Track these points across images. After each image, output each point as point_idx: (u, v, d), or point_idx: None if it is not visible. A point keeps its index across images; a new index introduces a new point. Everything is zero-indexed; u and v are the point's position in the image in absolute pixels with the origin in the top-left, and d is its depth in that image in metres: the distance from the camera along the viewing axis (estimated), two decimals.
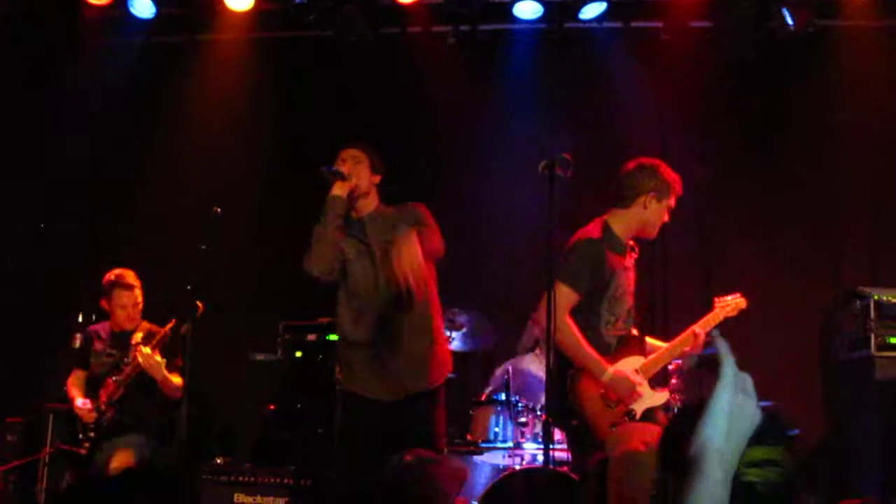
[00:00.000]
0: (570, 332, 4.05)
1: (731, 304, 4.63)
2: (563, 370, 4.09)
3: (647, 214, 4.25)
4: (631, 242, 4.35)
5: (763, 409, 1.89)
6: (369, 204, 4.37)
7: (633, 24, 6.61)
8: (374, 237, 4.28)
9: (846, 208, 6.64)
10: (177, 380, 5.15)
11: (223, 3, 6.48)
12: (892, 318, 5.85)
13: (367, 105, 6.71)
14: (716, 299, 4.67)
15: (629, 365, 4.19)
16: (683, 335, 4.39)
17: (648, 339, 4.46)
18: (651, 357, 4.29)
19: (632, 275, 4.33)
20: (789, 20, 6.15)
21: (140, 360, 5.05)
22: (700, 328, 4.41)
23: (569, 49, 6.67)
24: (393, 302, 4.19)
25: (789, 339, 6.26)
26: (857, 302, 6.01)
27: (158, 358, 5.06)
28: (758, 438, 1.87)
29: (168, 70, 6.92)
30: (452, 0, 6.43)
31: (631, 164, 4.33)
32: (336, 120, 6.74)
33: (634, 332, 4.34)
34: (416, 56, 6.70)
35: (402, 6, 6.46)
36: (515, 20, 6.56)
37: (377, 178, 4.39)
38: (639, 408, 4.19)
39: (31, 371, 6.52)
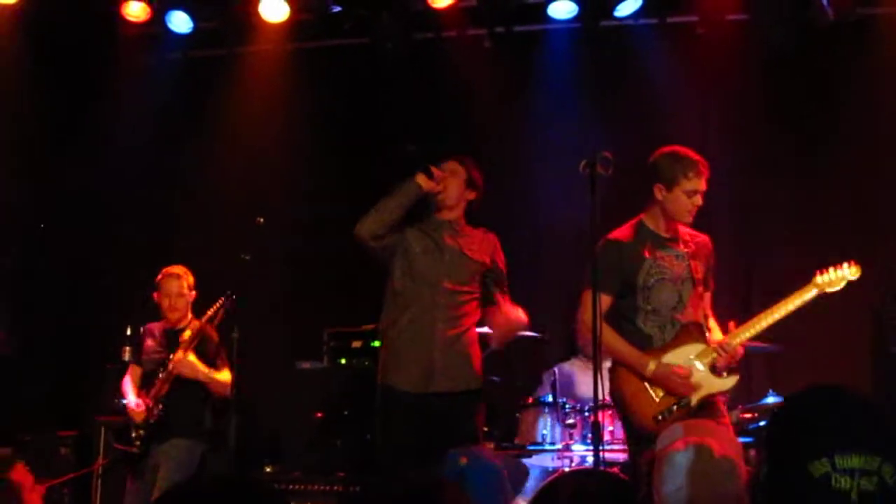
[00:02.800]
0: (606, 334, 4.03)
1: (833, 276, 4.19)
2: None
3: (665, 204, 4.22)
4: (670, 234, 4.27)
5: (867, 413, 1.83)
6: (454, 215, 4.47)
7: (669, 19, 6.55)
8: (451, 243, 4.38)
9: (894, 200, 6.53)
10: (224, 375, 5.14)
11: (259, 16, 6.53)
12: None
13: (406, 111, 6.73)
14: (816, 272, 4.24)
15: (685, 353, 4.12)
16: (752, 320, 4.18)
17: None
18: (719, 341, 4.15)
19: (690, 263, 4.21)
20: (828, 9, 6.05)
21: (171, 366, 5.05)
22: (781, 307, 4.14)
23: (605, 47, 6.63)
24: (446, 302, 4.29)
25: (840, 333, 6.16)
26: None
27: (191, 358, 5.04)
28: (857, 445, 1.79)
29: (207, 83, 7.00)
30: (486, 3, 6.42)
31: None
32: (375, 127, 6.78)
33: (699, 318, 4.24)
34: (453, 60, 6.70)
35: (436, 11, 6.46)
36: (550, 20, 6.53)
37: (471, 195, 4.49)
38: (694, 396, 4.12)
39: (83, 384, 6.61)
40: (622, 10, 6.37)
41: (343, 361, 6.16)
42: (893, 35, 6.39)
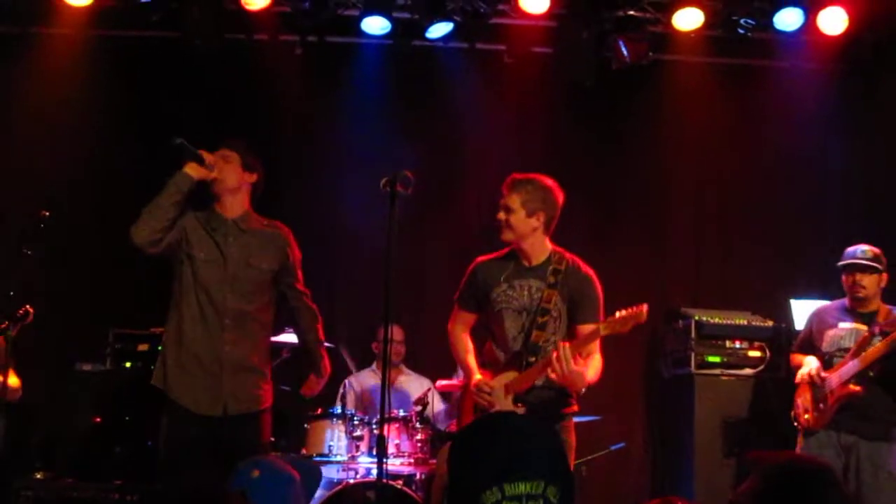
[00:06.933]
0: (453, 342, 4.34)
1: (618, 319, 4.01)
2: None
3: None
4: (539, 262, 4.20)
5: (531, 441, 1.98)
6: (238, 205, 4.25)
7: (479, 45, 6.75)
8: (235, 250, 4.18)
9: (672, 232, 7.03)
10: (13, 381, 4.86)
11: None
12: (710, 337, 6.21)
13: (211, 111, 6.58)
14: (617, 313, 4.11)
15: (503, 379, 4.14)
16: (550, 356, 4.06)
17: None
18: (521, 373, 4.13)
19: (545, 293, 4.13)
20: (625, 52, 6.44)
21: None
22: (569, 349, 3.95)
23: (416, 66, 6.75)
24: (232, 321, 4.13)
25: (617, 356, 6.50)
26: (680, 322, 6.36)
27: None
28: (523, 472, 1.95)
29: None
30: (300, 10, 6.39)
31: None
32: (179, 125, 6.55)
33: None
34: (263, 64, 6.61)
35: (249, 13, 6.37)
36: (363, 34, 6.58)
37: (251, 177, 4.27)
38: None
39: None
40: (434, 32, 6.49)
41: (128, 365, 5.93)
42: (679, 77, 6.90)
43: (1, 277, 4.76)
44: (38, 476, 5.33)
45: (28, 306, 4.69)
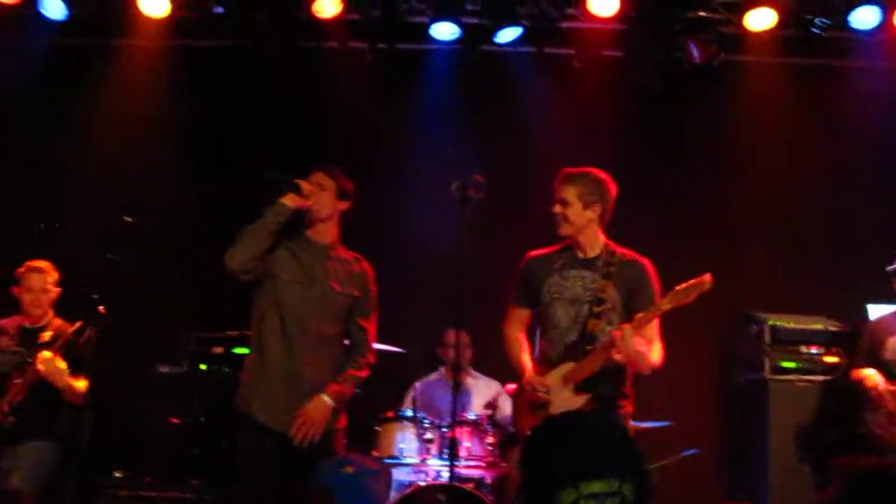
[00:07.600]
0: (508, 342, 4.32)
1: (680, 290, 3.93)
2: None
3: None
4: (594, 254, 4.21)
5: (603, 441, 2.00)
6: (329, 233, 4.33)
7: (547, 49, 6.75)
8: (322, 274, 4.25)
9: (743, 235, 6.94)
10: (81, 384, 4.98)
11: (138, 9, 6.39)
12: (784, 343, 6.11)
13: (283, 119, 6.70)
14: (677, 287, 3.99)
15: (560, 372, 4.10)
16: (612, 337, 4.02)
17: None
18: (579, 362, 4.08)
19: (600, 283, 4.12)
20: (695, 53, 6.37)
21: (40, 366, 4.80)
22: (630, 329, 3.93)
23: (485, 71, 6.77)
24: (315, 343, 4.21)
25: (688, 361, 6.44)
26: (752, 326, 6.26)
27: (60, 363, 4.84)
28: (597, 471, 1.98)
29: (80, 74, 6.77)
30: (370, 18, 6.46)
31: None
32: (252, 132, 6.71)
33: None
34: (334, 72, 6.70)
35: (320, 21, 6.47)
36: (432, 41, 6.63)
37: (344, 205, 4.34)
38: (555, 412, 4.12)
39: None
40: (503, 37, 6.51)
41: (204, 367, 6.06)
42: (751, 78, 6.81)
43: (85, 282, 4.91)
44: (118, 474, 5.46)
45: (101, 307, 4.81)
